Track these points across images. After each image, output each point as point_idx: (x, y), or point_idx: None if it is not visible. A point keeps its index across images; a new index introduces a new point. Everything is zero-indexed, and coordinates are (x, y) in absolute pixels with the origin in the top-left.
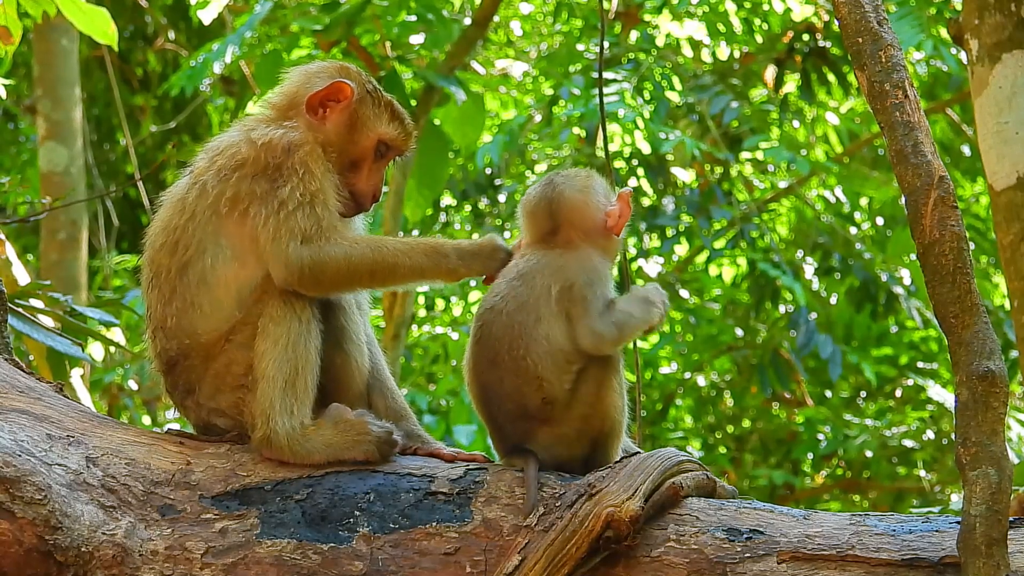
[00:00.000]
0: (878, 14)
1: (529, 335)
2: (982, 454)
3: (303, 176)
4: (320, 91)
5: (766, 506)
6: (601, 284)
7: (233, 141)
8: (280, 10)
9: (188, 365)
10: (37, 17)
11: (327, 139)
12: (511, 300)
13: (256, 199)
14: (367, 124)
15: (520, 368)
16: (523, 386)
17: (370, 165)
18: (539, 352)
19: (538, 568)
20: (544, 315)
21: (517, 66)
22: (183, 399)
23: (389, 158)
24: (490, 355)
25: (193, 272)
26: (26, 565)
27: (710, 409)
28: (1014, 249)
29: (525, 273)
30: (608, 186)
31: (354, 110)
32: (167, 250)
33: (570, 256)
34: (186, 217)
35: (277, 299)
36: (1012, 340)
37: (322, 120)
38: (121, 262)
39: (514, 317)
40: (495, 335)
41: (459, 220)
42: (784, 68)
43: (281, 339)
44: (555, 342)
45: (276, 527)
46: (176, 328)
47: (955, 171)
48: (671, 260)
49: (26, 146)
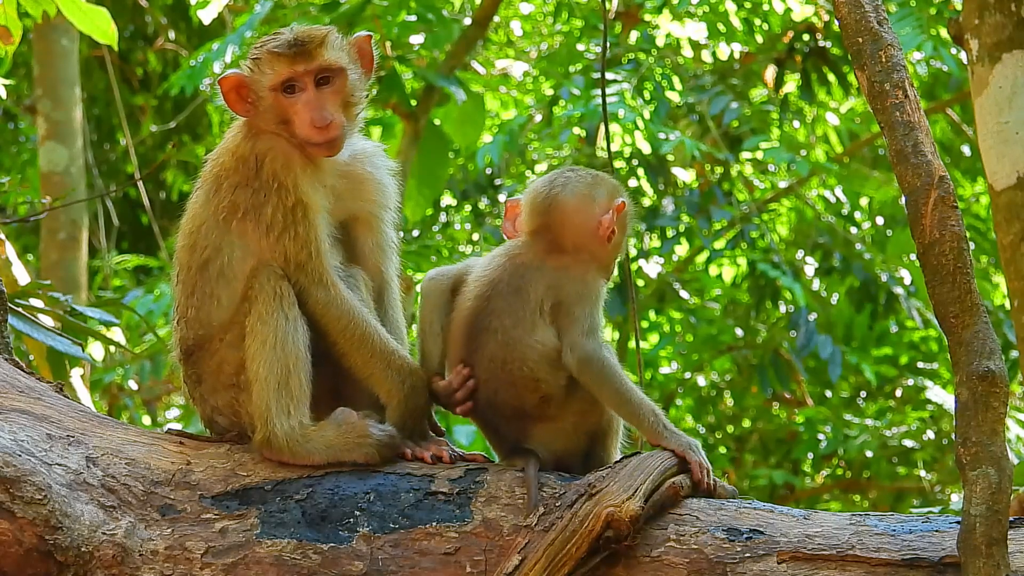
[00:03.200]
0: (878, 14)
1: (525, 345)
2: (982, 454)
3: (278, 191)
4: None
5: (766, 506)
6: (591, 303)
7: (221, 149)
8: (280, 10)
9: (200, 356)
10: (37, 17)
11: (267, 124)
12: (507, 316)
13: (249, 209)
14: (260, 89)
15: (515, 378)
16: (519, 391)
17: (295, 107)
18: (534, 358)
19: (538, 568)
20: (538, 325)
21: (517, 66)
22: (194, 389)
23: (307, 87)
24: (484, 375)
25: (213, 268)
26: (26, 565)
27: (710, 409)
28: (1014, 249)
29: (520, 288)
30: (615, 189)
31: (247, 88)
32: (187, 250)
33: (564, 273)
34: (199, 221)
35: (264, 297)
36: (1012, 340)
37: (252, 113)
38: (121, 262)
39: (510, 334)
40: (489, 355)
41: (459, 220)
42: (784, 68)
43: (269, 338)
44: (549, 343)
45: (276, 527)
46: (195, 319)
47: (955, 171)
48: (671, 260)
49: (26, 146)
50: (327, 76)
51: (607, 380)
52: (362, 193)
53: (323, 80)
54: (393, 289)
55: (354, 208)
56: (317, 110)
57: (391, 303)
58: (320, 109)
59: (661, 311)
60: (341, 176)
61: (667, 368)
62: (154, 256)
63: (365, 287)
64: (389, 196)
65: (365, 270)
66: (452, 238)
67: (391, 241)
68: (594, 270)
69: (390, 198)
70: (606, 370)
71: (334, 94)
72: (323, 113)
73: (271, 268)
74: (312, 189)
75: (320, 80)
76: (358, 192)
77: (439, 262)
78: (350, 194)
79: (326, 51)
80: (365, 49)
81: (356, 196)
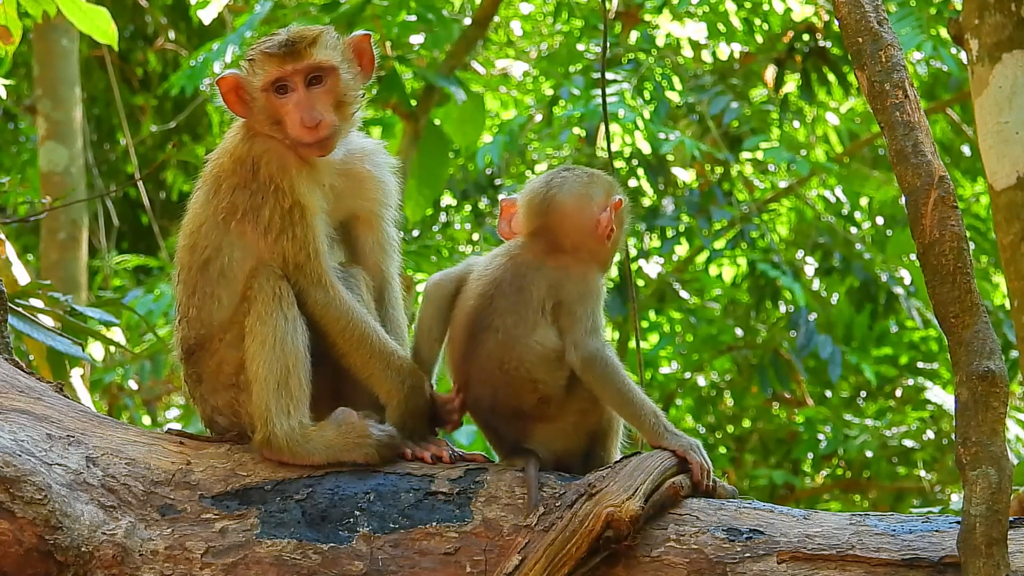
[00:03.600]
0: (878, 14)
1: (524, 345)
2: (982, 454)
3: (275, 193)
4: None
5: (766, 506)
6: (592, 302)
7: (220, 150)
8: (280, 10)
9: (201, 355)
10: (37, 17)
11: (261, 126)
12: (508, 314)
13: (247, 211)
14: (253, 90)
15: (513, 379)
16: (518, 391)
17: (285, 108)
18: (532, 358)
19: (538, 568)
20: (540, 324)
21: (517, 66)
22: (194, 388)
23: (297, 87)
24: (482, 375)
25: (213, 268)
26: (26, 565)
27: (710, 409)
28: (1014, 249)
29: (523, 287)
30: (611, 186)
31: (244, 89)
32: (188, 250)
33: (565, 273)
34: (199, 222)
35: (263, 297)
36: (1012, 340)
37: (249, 114)
38: (121, 262)
39: (511, 332)
40: (487, 353)
41: (459, 220)
42: (784, 68)
43: (268, 338)
44: (548, 344)
45: (276, 527)
46: (195, 319)
47: (955, 171)
48: (671, 260)
49: (26, 146)
50: (319, 76)
51: (610, 380)
52: (362, 192)
53: (315, 80)
54: (394, 287)
55: (354, 207)
56: (307, 110)
57: (392, 302)
58: (310, 109)
59: (661, 311)
60: (340, 175)
61: (667, 368)
62: (154, 256)
63: (366, 286)
64: (389, 194)
65: (366, 269)
66: (452, 238)
67: (392, 239)
68: (594, 269)
69: (390, 196)
70: (609, 370)
71: (325, 94)
72: (312, 113)
73: (270, 268)
74: (309, 190)
75: (311, 80)
76: (358, 191)
77: (439, 262)
78: (350, 193)
79: (316, 50)
80: (363, 48)
81: (356, 195)
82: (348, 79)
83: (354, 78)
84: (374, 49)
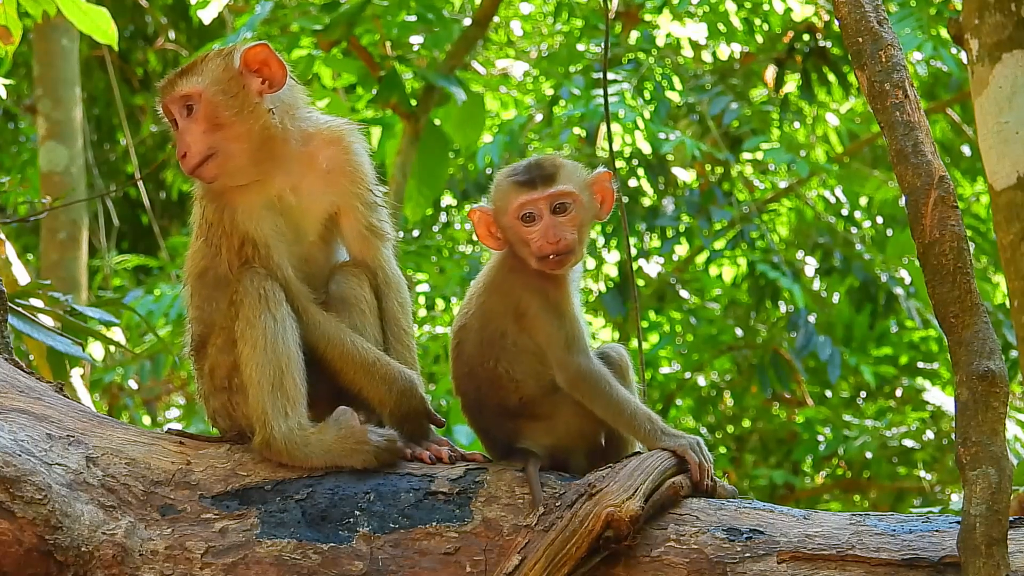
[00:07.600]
0: (878, 14)
1: (499, 346)
2: (982, 454)
3: (222, 234)
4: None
5: (766, 506)
6: (558, 314)
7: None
8: (280, 10)
9: (199, 356)
10: (37, 17)
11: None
12: (479, 317)
13: (216, 254)
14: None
15: (494, 376)
16: (500, 390)
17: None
18: (509, 359)
19: (538, 568)
20: (509, 329)
21: (517, 66)
22: (199, 386)
23: (174, 119)
24: (466, 370)
25: (208, 276)
26: (26, 565)
27: (710, 409)
28: (1014, 249)
29: (493, 290)
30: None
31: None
32: (188, 259)
33: (524, 281)
34: (193, 237)
35: (249, 300)
36: (1012, 340)
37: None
38: (121, 262)
39: (482, 333)
40: (469, 352)
41: (459, 220)
42: (784, 68)
43: (259, 341)
44: (523, 346)
45: (276, 527)
46: (197, 319)
47: (955, 171)
48: (671, 260)
49: (26, 146)
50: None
51: (598, 395)
52: (334, 183)
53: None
54: (387, 273)
55: (331, 199)
56: (182, 144)
57: (383, 290)
58: (183, 143)
59: (661, 311)
60: (301, 173)
61: (667, 368)
62: (154, 256)
63: (358, 283)
64: (362, 179)
65: (352, 259)
66: (452, 238)
67: (376, 224)
68: (555, 281)
69: (364, 180)
70: (596, 385)
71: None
72: (185, 146)
73: (254, 270)
74: (257, 218)
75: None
76: (329, 183)
77: (439, 262)
78: (320, 188)
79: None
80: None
81: (328, 188)
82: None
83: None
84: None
